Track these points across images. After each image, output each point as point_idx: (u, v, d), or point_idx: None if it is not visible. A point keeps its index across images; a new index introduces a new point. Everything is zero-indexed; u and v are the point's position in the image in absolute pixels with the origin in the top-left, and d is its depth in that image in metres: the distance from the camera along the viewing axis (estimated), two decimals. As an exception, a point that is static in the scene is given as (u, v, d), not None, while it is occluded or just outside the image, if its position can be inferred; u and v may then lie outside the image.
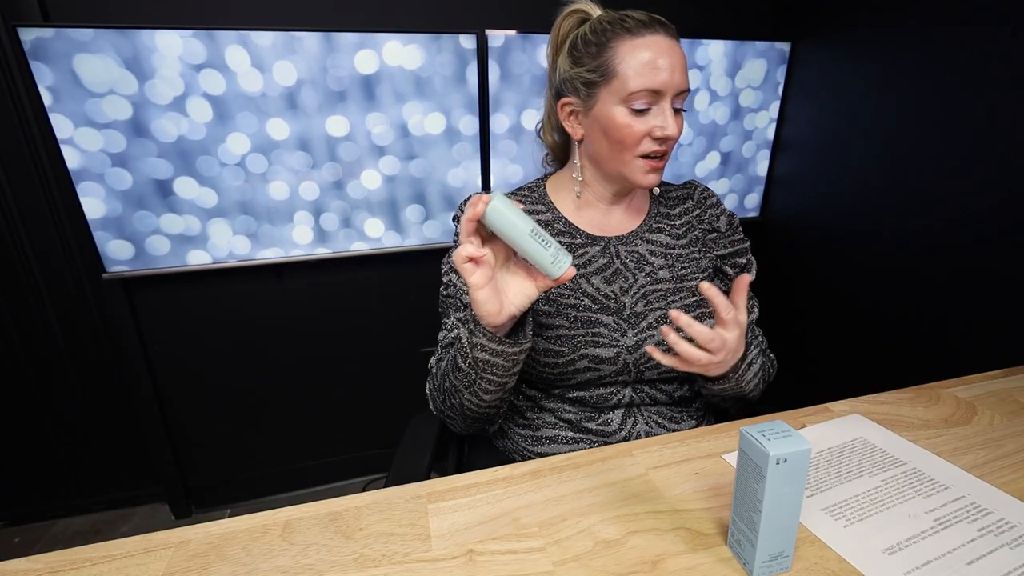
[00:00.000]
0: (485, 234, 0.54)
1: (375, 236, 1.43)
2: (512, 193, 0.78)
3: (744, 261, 0.77)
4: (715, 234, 0.77)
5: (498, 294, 0.55)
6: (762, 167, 1.67)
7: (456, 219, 0.74)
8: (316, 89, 1.26)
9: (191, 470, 1.57)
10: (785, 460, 0.41)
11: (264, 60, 1.20)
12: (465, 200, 0.74)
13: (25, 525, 1.53)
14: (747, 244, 0.78)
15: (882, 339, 1.36)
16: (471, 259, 0.52)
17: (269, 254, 1.37)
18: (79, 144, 1.17)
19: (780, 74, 1.57)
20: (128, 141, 1.19)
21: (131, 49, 1.13)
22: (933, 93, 1.18)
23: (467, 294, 0.71)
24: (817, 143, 1.52)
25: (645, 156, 0.66)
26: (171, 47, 1.14)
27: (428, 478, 0.71)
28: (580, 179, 0.74)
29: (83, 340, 1.41)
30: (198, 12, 1.20)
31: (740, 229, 0.79)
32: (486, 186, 1.47)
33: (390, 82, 1.30)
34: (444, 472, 0.75)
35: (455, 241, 0.74)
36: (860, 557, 0.46)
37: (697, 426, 0.75)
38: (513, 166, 1.46)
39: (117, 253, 1.27)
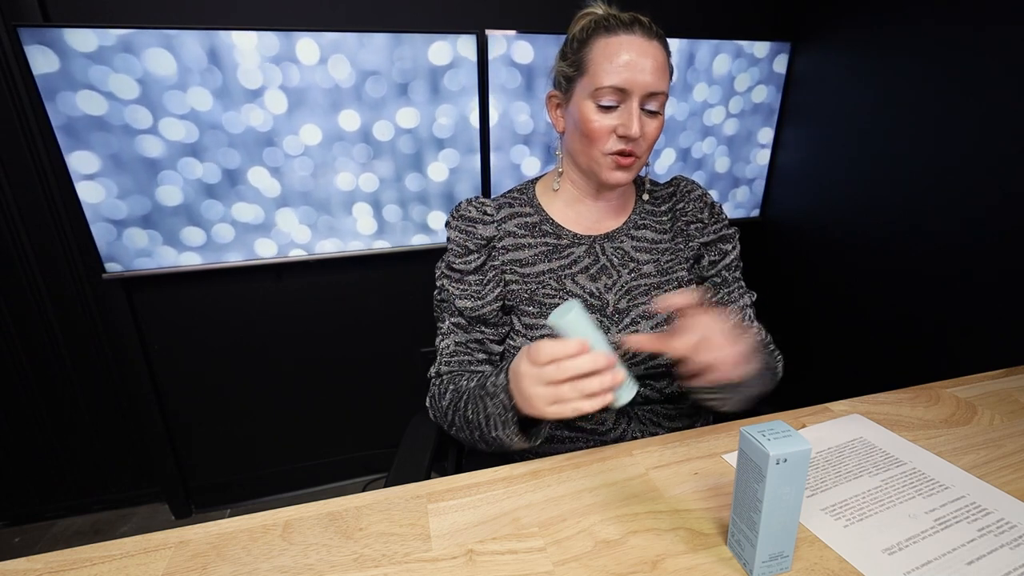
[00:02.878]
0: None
1: (436, 228, 1.46)
2: (502, 196, 0.78)
3: (729, 248, 0.76)
4: (698, 224, 0.76)
5: None
6: (721, 164, 1.65)
7: (448, 225, 0.74)
8: (381, 82, 1.29)
9: (191, 470, 1.57)
10: (785, 460, 0.41)
11: (329, 54, 1.24)
12: (457, 207, 0.75)
13: (25, 525, 1.53)
14: (732, 231, 0.77)
15: (882, 339, 1.36)
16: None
17: (329, 246, 1.41)
18: (162, 133, 1.20)
19: (736, 68, 1.53)
20: (201, 132, 1.22)
21: (209, 44, 1.16)
22: (932, 93, 1.18)
23: (460, 299, 0.70)
24: (817, 143, 1.52)
25: (612, 154, 0.67)
26: (248, 41, 1.19)
27: (428, 478, 0.71)
28: (560, 171, 0.76)
29: (83, 340, 1.41)
30: (198, 11, 1.20)
31: (725, 218, 0.78)
32: (486, 190, 1.46)
33: (456, 75, 1.33)
34: (444, 472, 0.75)
35: (447, 248, 0.74)
36: (860, 557, 0.46)
37: (692, 423, 0.75)
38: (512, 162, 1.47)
39: (189, 240, 1.30)
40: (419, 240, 1.47)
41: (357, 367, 1.59)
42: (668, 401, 0.74)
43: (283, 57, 1.21)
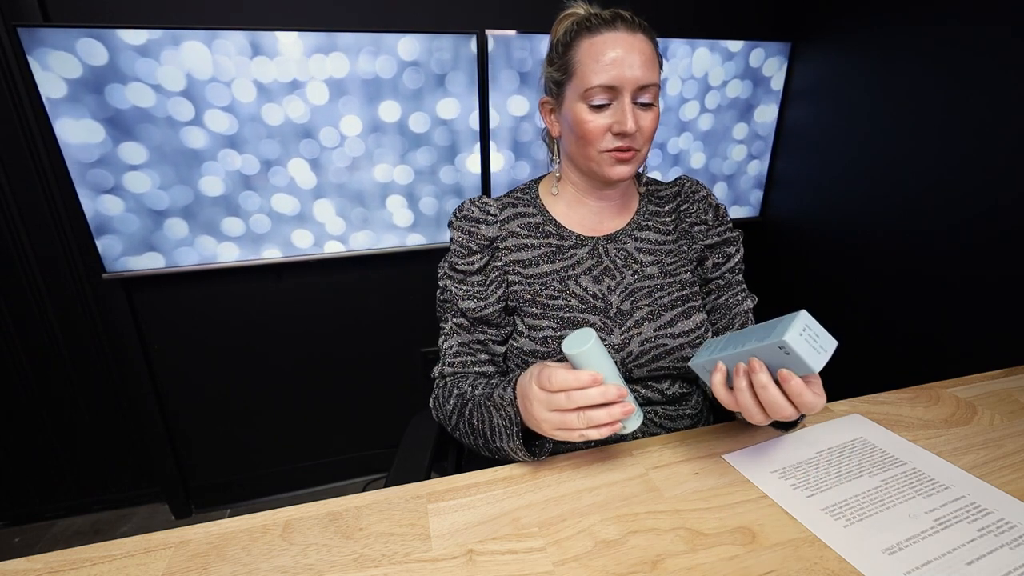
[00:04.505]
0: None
1: None
2: (505, 195, 0.78)
3: (733, 251, 0.76)
4: (702, 226, 0.76)
5: None
6: (697, 159, 1.62)
7: (451, 225, 0.74)
8: (420, 73, 1.31)
9: (191, 470, 1.57)
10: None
11: (364, 46, 1.26)
12: (460, 207, 0.74)
13: (25, 525, 1.53)
14: (736, 234, 0.77)
15: (882, 339, 1.36)
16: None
17: (362, 238, 1.43)
18: (207, 125, 1.22)
19: (712, 62, 1.50)
20: (240, 124, 1.24)
21: (252, 35, 1.19)
22: (933, 93, 1.18)
23: (463, 300, 0.70)
24: (817, 143, 1.52)
25: (610, 151, 0.66)
26: (288, 35, 1.21)
27: (428, 478, 0.71)
28: (558, 176, 0.76)
29: (83, 340, 1.41)
30: (198, 11, 1.20)
31: (729, 221, 0.78)
32: (486, 188, 1.46)
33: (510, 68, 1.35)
34: (444, 472, 0.75)
35: (450, 248, 0.74)
36: (860, 557, 0.46)
37: (694, 424, 0.75)
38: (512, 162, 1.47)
39: (230, 230, 1.32)
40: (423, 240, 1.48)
41: (357, 367, 1.59)
42: (670, 403, 0.74)
43: (321, 48, 1.23)
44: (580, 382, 0.50)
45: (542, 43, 1.34)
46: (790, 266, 1.66)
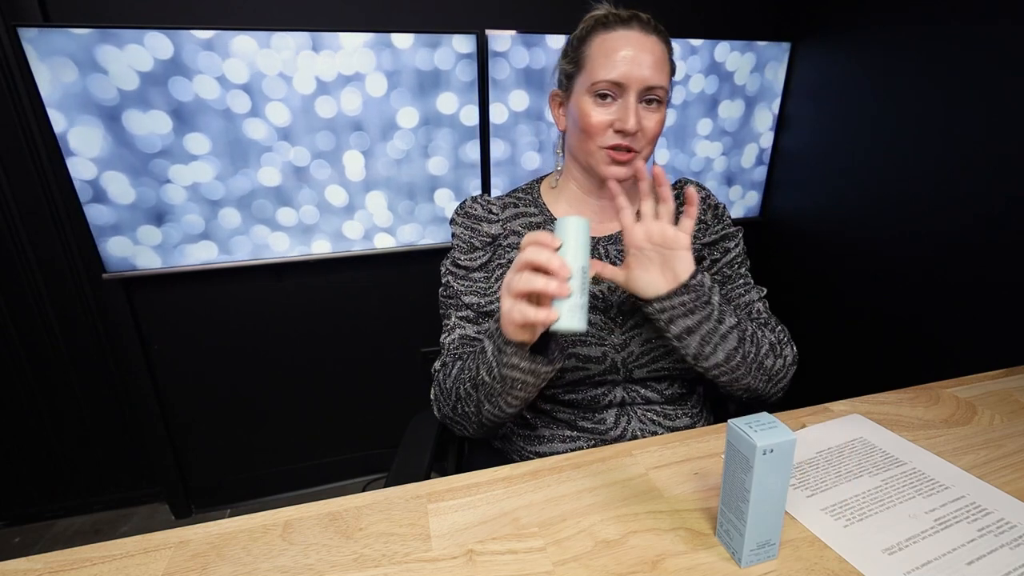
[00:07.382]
0: None
1: None
2: (507, 195, 0.78)
3: (732, 245, 0.76)
4: (701, 225, 0.76)
5: None
6: (660, 156, 1.60)
7: (453, 222, 0.74)
8: (472, 66, 1.33)
9: (191, 470, 1.57)
10: (771, 451, 0.42)
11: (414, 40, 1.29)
12: (461, 204, 0.75)
13: (25, 525, 1.53)
14: (735, 230, 0.77)
15: (882, 339, 1.36)
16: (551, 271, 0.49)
17: (408, 231, 1.44)
18: (268, 118, 1.26)
19: (691, 59, 1.49)
20: (294, 117, 1.26)
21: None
22: (933, 93, 1.18)
23: (467, 295, 0.70)
24: (817, 143, 1.52)
25: (608, 148, 0.67)
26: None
27: (428, 478, 0.71)
28: (560, 169, 0.76)
29: (83, 340, 1.41)
30: (192, 11, 1.20)
31: (728, 219, 0.78)
32: (486, 187, 1.46)
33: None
34: (444, 472, 0.75)
35: (452, 244, 0.74)
36: (860, 557, 0.46)
37: (693, 423, 0.75)
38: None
39: (284, 220, 1.34)
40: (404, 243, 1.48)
41: (357, 367, 1.59)
42: (669, 403, 0.74)
43: (375, 44, 1.25)
44: (538, 237, 0.50)
45: (491, 38, 1.34)
46: (790, 266, 1.66)
